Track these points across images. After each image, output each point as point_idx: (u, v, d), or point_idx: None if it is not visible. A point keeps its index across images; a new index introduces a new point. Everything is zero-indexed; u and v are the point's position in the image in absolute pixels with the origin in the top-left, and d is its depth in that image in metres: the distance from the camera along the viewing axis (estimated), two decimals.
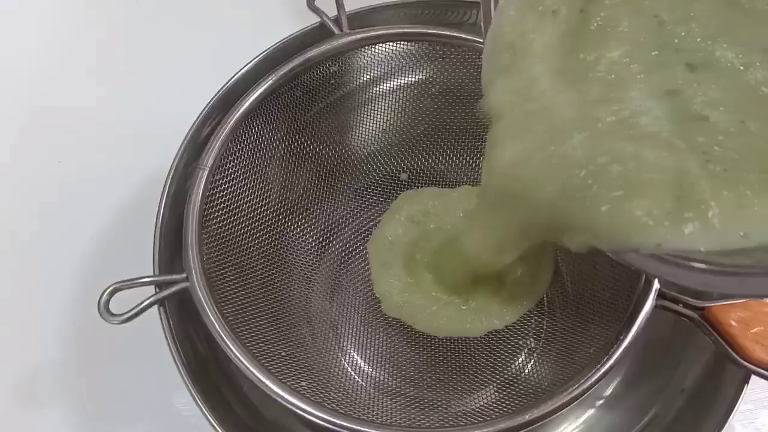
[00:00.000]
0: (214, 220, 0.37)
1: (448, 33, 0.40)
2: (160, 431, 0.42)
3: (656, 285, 0.33)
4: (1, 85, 0.51)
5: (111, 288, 0.32)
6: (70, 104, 0.50)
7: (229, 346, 0.31)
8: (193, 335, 0.36)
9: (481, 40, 0.39)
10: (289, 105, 0.40)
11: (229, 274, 0.36)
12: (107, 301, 0.32)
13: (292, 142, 0.42)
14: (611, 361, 0.31)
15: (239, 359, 0.31)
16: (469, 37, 0.40)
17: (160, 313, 0.34)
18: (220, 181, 0.37)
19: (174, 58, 0.52)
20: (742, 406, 0.34)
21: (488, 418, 0.31)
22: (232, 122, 0.37)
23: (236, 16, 0.54)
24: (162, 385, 0.42)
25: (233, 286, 0.36)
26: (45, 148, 0.49)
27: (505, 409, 0.33)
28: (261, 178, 0.40)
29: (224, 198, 0.37)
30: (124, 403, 0.42)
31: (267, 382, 0.31)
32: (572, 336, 0.36)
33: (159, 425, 0.42)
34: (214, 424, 0.32)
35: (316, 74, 0.40)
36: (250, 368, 0.31)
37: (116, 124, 0.49)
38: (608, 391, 0.41)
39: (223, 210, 0.37)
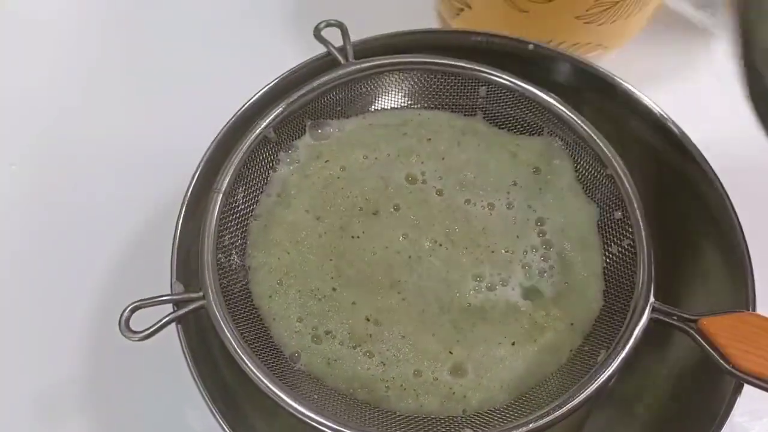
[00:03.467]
0: (228, 241, 0.38)
1: (449, 61, 0.42)
2: None
3: (651, 299, 0.34)
4: (19, 112, 0.53)
5: (132, 306, 0.33)
6: (88, 129, 0.52)
7: (244, 361, 0.33)
8: (214, 352, 0.37)
9: (480, 68, 0.41)
10: (296, 130, 0.42)
11: (243, 291, 0.38)
12: (128, 319, 0.33)
13: None
14: (607, 375, 0.32)
15: (254, 373, 0.32)
16: (468, 65, 0.41)
17: (177, 331, 0.35)
18: (234, 203, 0.39)
19: (187, 88, 0.54)
20: (737, 418, 0.35)
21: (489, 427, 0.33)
22: (244, 148, 0.39)
23: (246, 46, 0.56)
24: (177, 402, 0.43)
25: (247, 304, 0.37)
26: (63, 173, 0.51)
27: (505, 418, 0.34)
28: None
29: (237, 219, 0.39)
30: (139, 420, 0.43)
31: (281, 394, 0.32)
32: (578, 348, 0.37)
33: None
34: None
35: (324, 101, 0.42)
36: (265, 381, 0.32)
37: (134, 150, 0.51)
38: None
39: (236, 230, 0.39)
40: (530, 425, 0.32)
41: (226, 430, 0.33)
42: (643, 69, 0.50)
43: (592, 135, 0.39)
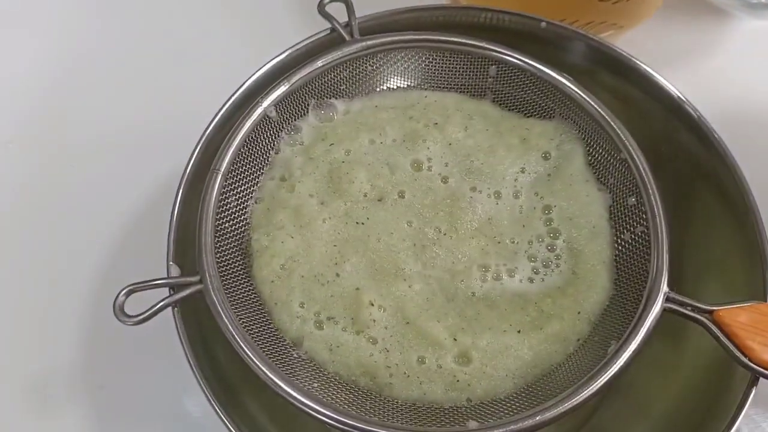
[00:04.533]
0: (228, 223, 0.37)
1: (458, 39, 0.40)
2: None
3: (664, 288, 0.33)
4: (14, 91, 0.52)
5: (126, 289, 0.32)
6: (84, 108, 0.51)
7: (242, 347, 0.32)
8: (212, 337, 0.37)
9: (491, 46, 0.40)
10: (299, 110, 0.41)
11: (240, 277, 0.37)
12: (122, 303, 0.32)
13: None
14: (618, 367, 0.31)
15: (252, 360, 0.32)
16: (477, 43, 0.40)
17: (174, 315, 0.34)
18: (234, 184, 0.38)
19: (187, 65, 0.53)
20: (749, 410, 0.33)
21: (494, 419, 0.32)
22: (245, 126, 0.38)
23: (249, 22, 0.55)
24: (174, 387, 0.43)
25: (245, 290, 0.36)
26: (59, 152, 0.50)
27: (511, 410, 0.33)
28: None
29: (236, 201, 0.38)
30: (136, 405, 0.43)
31: (279, 382, 0.31)
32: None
33: (171, 428, 0.43)
34: (229, 425, 0.33)
35: (328, 80, 0.41)
36: (263, 369, 0.31)
37: (130, 129, 0.50)
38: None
39: (236, 213, 0.38)
40: (537, 417, 0.31)
41: (222, 415, 0.33)
42: (658, 49, 0.49)
43: (607, 117, 0.38)
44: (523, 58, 0.40)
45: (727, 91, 0.51)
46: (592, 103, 0.38)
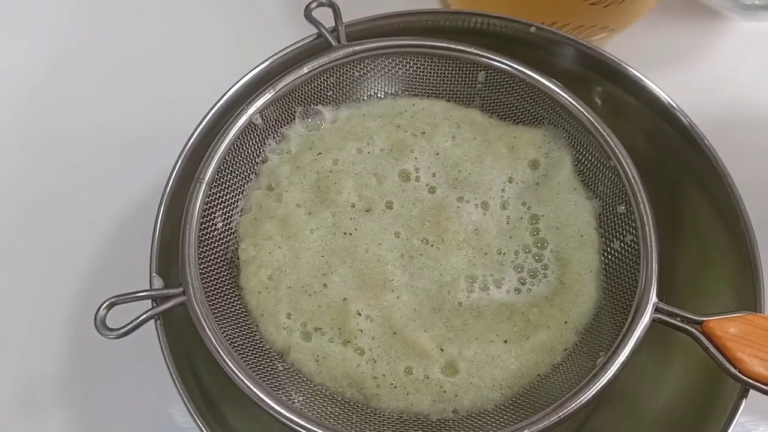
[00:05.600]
0: (212, 233, 0.37)
1: (446, 45, 0.40)
2: None
3: (653, 299, 0.33)
4: None
5: (107, 302, 0.32)
6: (67, 116, 0.50)
7: (225, 361, 0.31)
8: (196, 348, 0.36)
9: (479, 51, 0.39)
10: (286, 117, 0.40)
11: (225, 288, 0.36)
12: (104, 316, 0.31)
13: None
14: (606, 379, 0.31)
15: (235, 373, 0.31)
16: (466, 49, 0.40)
17: (156, 327, 0.34)
18: (218, 194, 0.37)
19: (170, 70, 0.52)
20: (741, 418, 0.33)
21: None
22: (230, 135, 0.37)
23: (234, 27, 0.54)
24: (160, 397, 0.42)
25: (230, 301, 0.36)
26: (43, 160, 0.49)
27: (499, 423, 0.33)
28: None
29: (222, 211, 0.37)
30: (121, 414, 0.42)
31: (262, 395, 0.31)
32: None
33: None
34: None
35: (314, 86, 0.40)
36: (246, 382, 0.31)
37: (114, 137, 0.49)
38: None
39: (221, 223, 0.37)
40: (525, 431, 0.30)
41: (204, 428, 0.32)
42: (650, 52, 0.48)
43: (596, 124, 0.37)
44: (512, 64, 0.39)
45: (721, 93, 0.51)
46: (582, 109, 0.38)
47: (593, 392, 0.31)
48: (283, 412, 0.31)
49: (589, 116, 0.37)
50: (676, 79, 0.44)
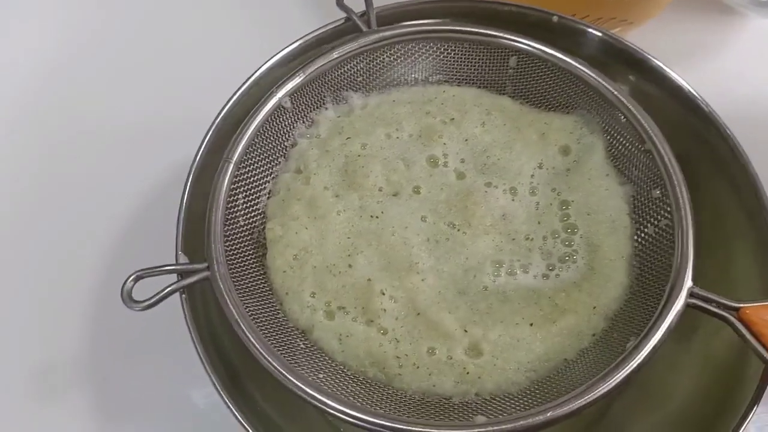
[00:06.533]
0: (239, 212, 0.37)
1: (478, 29, 0.39)
2: (177, 424, 0.42)
3: (689, 283, 0.31)
4: (25, 74, 0.52)
5: (135, 275, 0.32)
6: (96, 94, 0.51)
7: (246, 335, 0.31)
8: (220, 328, 0.36)
9: (512, 36, 0.39)
10: (315, 102, 0.40)
11: (251, 266, 0.36)
12: (131, 288, 0.32)
13: None
14: (636, 363, 0.30)
15: (256, 348, 0.31)
16: (498, 33, 0.39)
17: (182, 302, 0.34)
18: (246, 174, 0.37)
19: (199, 53, 0.52)
20: (758, 408, 0.32)
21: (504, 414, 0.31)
22: (259, 117, 0.37)
23: (263, 10, 0.54)
24: (179, 380, 0.42)
25: (254, 279, 0.36)
26: (71, 139, 0.50)
27: (522, 406, 0.32)
28: None
29: (249, 192, 0.38)
30: (141, 395, 0.42)
31: (282, 370, 0.30)
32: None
33: (177, 418, 0.42)
34: (235, 412, 0.32)
35: (344, 72, 0.40)
36: (267, 357, 0.31)
37: (143, 117, 0.50)
38: None
39: (248, 202, 0.38)
40: (548, 414, 0.29)
41: (228, 402, 0.32)
42: (666, 48, 0.47)
43: (630, 107, 0.36)
44: (545, 48, 0.39)
45: (737, 89, 0.50)
46: (615, 92, 0.37)
47: (622, 377, 0.30)
48: (303, 386, 0.30)
49: (623, 99, 0.37)
50: (693, 73, 0.43)
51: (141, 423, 0.42)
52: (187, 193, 0.36)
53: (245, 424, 0.32)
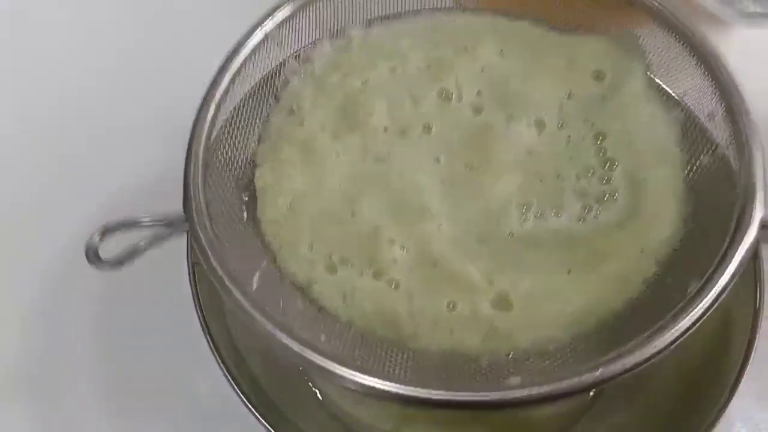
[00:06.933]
0: (223, 158, 0.33)
1: None
2: (181, 414, 0.39)
3: (761, 211, 0.27)
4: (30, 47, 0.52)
5: (102, 228, 0.28)
6: (95, 92, 0.50)
7: (230, 290, 0.27)
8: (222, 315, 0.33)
9: None
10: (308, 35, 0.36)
11: (240, 218, 0.32)
12: (96, 244, 0.28)
13: None
14: (707, 305, 0.25)
15: (242, 304, 0.27)
16: None
17: (189, 275, 0.32)
18: (232, 118, 0.33)
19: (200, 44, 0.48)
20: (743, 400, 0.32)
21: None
22: (243, 52, 0.33)
23: None
24: (183, 366, 0.40)
25: (246, 232, 0.32)
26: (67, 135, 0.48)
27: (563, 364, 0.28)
28: None
29: (235, 134, 0.33)
30: (144, 386, 0.40)
31: (273, 330, 0.26)
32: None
33: (179, 406, 0.40)
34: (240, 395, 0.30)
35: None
36: (254, 314, 0.26)
37: (142, 112, 0.48)
38: None
39: (233, 147, 0.33)
40: (598, 371, 0.24)
41: (232, 384, 0.30)
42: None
43: (676, 15, 0.31)
44: None
45: None
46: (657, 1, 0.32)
47: (687, 323, 0.25)
48: (302, 349, 0.26)
49: (665, 8, 0.32)
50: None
51: (145, 413, 0.40)
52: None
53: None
